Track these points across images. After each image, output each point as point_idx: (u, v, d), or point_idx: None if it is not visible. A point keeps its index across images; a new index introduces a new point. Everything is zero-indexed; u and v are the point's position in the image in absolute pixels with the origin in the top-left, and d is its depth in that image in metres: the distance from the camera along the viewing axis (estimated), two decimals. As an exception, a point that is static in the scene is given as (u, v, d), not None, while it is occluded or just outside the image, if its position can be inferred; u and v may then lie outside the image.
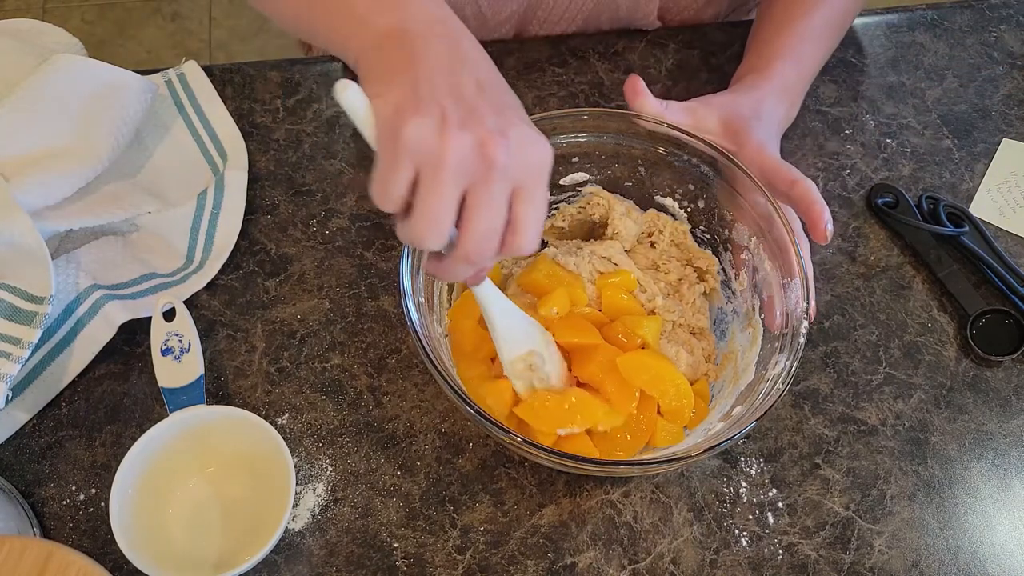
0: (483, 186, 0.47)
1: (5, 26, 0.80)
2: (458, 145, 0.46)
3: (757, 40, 0.78)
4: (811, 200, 0.63)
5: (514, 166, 0.48)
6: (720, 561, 0.63)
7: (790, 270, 0.62)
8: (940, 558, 0.64)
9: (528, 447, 0.55)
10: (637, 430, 0.62)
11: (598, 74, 0.84)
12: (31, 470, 0.63)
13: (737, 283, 0.68)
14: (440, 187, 0.47)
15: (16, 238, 0.63)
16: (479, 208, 0.48)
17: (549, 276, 0.67)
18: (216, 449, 0.63)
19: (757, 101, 0.70)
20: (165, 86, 0.79)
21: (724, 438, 0.56)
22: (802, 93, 0.76)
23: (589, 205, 0.71)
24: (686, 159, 0.67)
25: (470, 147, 0.46)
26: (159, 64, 0.88)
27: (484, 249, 0.49)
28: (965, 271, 0.75)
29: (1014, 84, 0.86)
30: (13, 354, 0.60)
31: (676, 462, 0.56)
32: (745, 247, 0.66)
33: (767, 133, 0.69)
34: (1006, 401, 0.70)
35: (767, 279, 0.64)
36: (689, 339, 0.68)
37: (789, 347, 0.59)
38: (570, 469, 0.59)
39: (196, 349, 0.65)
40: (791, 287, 0.61)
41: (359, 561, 0.62)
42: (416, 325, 0.57)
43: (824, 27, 0.77)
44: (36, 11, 2.02)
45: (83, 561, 0.50)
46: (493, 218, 0.48)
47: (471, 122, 0.47)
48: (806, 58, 0.75)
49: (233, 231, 0.72)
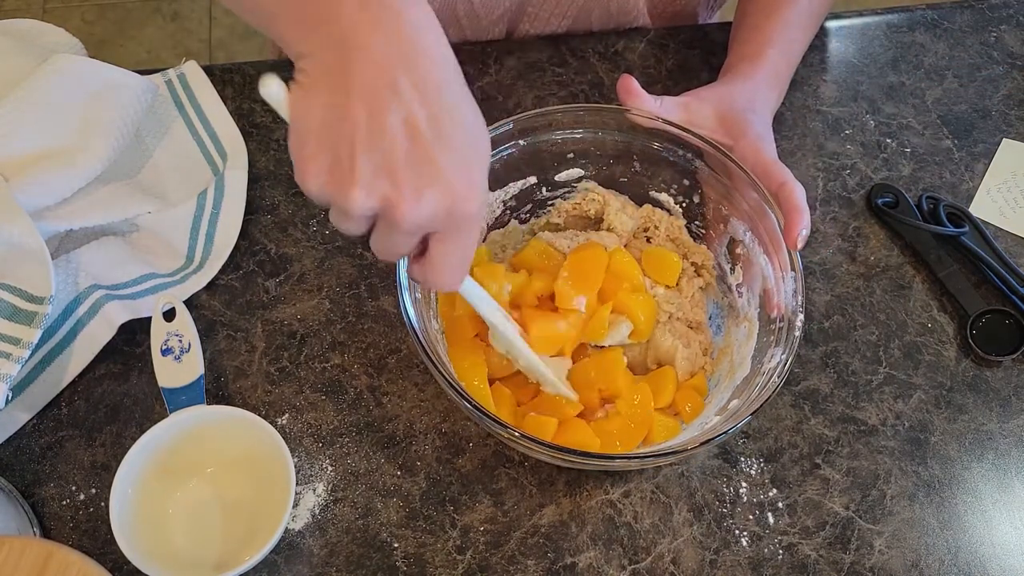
0: (384, 235, 0.47)
1: (5, 26, 0.80)
2: (360, 206, 0.44)
3: (745, 27, 0.78)
4: (793, 205, 0.62)
5: (426, 222, 0.45)
6: (720, 561, 0.63)
7: (784, 263, 0.62)
8: (940, 558, 0.64)
9: (526, 441, 0.55)
10: (635, 418, 0.63)
11: (598, 74, 0.84)
12: (31, 470, 0.63)
13: (732, 277, 0.68)
14: (345, 228, 0.47)
15: (16, 238, 0.63)
16: (382, 245, 0.48)
17: (540, 254, 0.68)
18: (216, 449, 0.63)
19: (751, 92, 0.71)
20: (165, 86, 0.79)
21: (720, 431, 0.56)
22: (789, 78, 0.77)
23: (584, 201, 0.71)
24: (681, 154, 0.67)
25: (374, 208, 0.45)
26: (159, 64, 0.88)
27: (406, 273, 0.50)
28: (965, 271, 0.75)
29: (1014, 84, 0.86)
30: (13, 354, 0.60)
31: (673, 455, 0.57)
32: (740, 242, 0.67)
33: (763, 125, 0.69)
34: (1006, 401, 0.70)
35: (762, 273, 0.64)
36: (687, 332, 0.68)
37: (785, 340, 0.60)
38: (568, 463, 0.60)
39: (196, 349, 0.65)
40: (786, 280, 0.61)
41: (359, 561, 0.62)
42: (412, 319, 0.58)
43: (809, 14, 0.77)
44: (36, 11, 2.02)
45: (83, 561, 0.50)
46: (396, 254, 0.49)
47: (381, 183, 0.44)
48: (795, 44, 0.76)
49: (233, 231, 0.72)
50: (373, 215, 0.46)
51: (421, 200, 0.44)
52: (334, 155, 0.44)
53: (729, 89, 0.71)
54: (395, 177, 0.44)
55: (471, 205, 0.46)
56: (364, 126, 0.44)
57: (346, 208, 0.45)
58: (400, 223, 0.45)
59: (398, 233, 0.46)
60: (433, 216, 0.45)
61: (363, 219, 0.46)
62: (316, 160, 0.45)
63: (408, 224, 0.45)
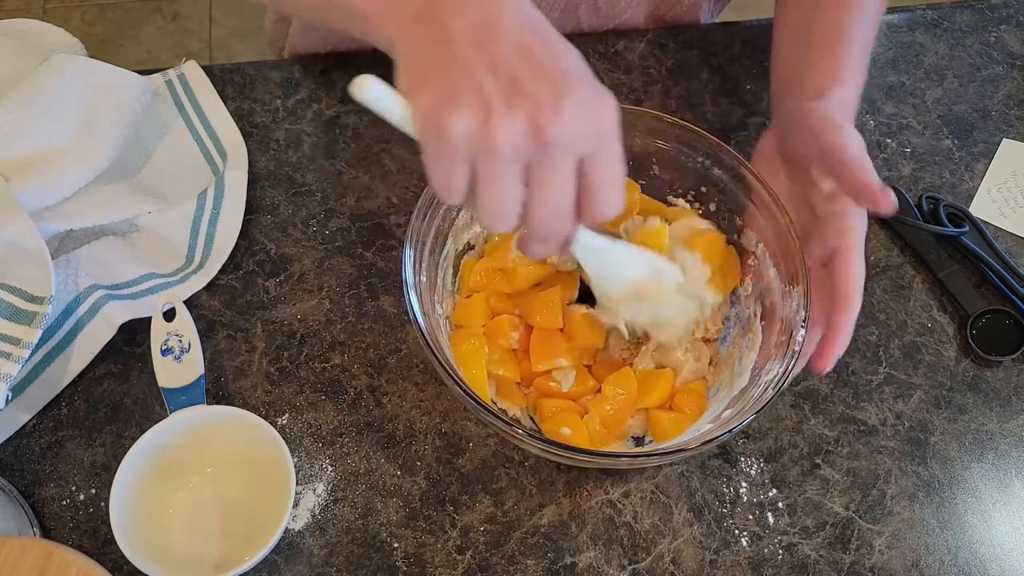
0: (542, 165, 0.44)
1: (5, 26, 0.80)
2: (507, 132, 0.42)
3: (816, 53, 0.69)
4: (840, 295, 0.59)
5: (575, 136, 0.44)
6: (720, 561, 0.63)
7: (793, 278, 0.61)
8: (940, 558, 0.64)
9: (528, 439, 0.55)
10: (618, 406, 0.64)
11: (598, 74, 0.83)
12: (31, 470, 0.63)
13: (741, 288, 0.68)
14: (496, 176, 0.44)
15: (16, 238, 0.63)
16: (541, 187, 0.45)
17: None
18: (216, 449, 0.63)
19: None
20: (165, 86, 0.79)
21: (720, 432, 0.56)
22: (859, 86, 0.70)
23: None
24: (700, 160, 0.67)
25: (521, 130, 0.42)
26: (159, 64, 0.88)
27: (554, 227, 0.47)
28: (965, 271, 0.75)
29: (1014, 84, 0.86)
30: (13, 354, 0.60)
31: (673, 455, 0.57)
32: (752, 252, 0.66)
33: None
34: (1006, 401, 0.70)
35: (770, 286, 0.64)
36: (700, 345, 0.67)
37: (784, 354, 0.59)
38: (568, 461, 0.60)
39: (196, 349, 0.65)
40: (792, 295, 0.61)
41: (359, 561, 0.62)
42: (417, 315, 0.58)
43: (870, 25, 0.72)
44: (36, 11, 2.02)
45: (83, 561, 0.50)
46: (558, 196, 0.45)
47: (517, 100, 0.42)
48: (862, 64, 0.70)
49: (233, 231, 0.72)
50: (523, 159, 0.44)
51: (562, 110, 0.43)
52: (462, 102, 0.42)
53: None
54: (530, 94, 0.43)
55: (611, 110, 0.45)
56: (478, 60, 0.43)
57: (495, 144, 0.42)
58: (550, 138, 0.43)
59: (553, 155, 0.44)
60: (580, 125, 0.44)
61: (515, 158, 0.43)
62: (449, 118, 0.42)
63: (560, 136, 0.43)
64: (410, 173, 0.77)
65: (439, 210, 0.63)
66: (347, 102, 0.81)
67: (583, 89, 0.44)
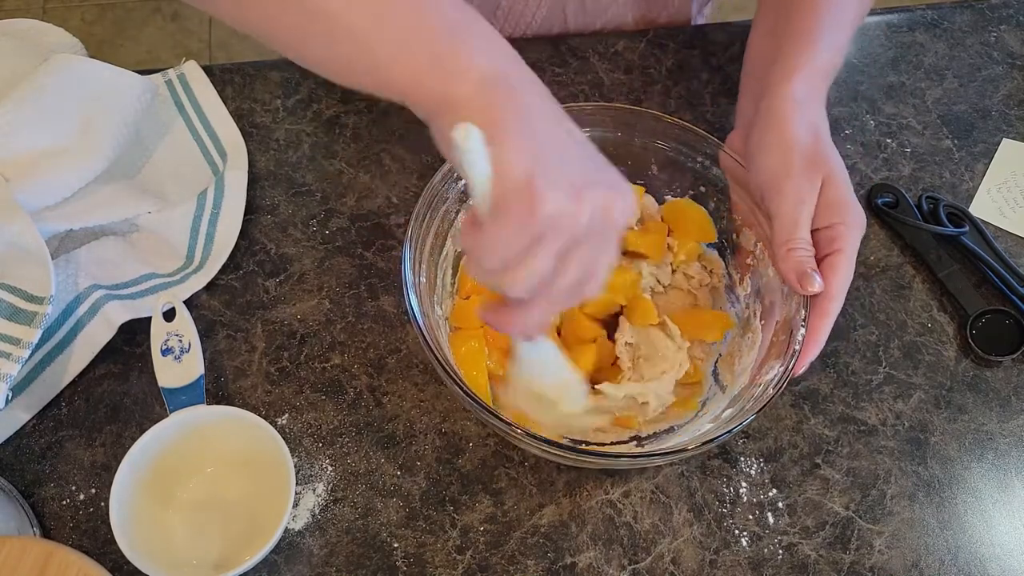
0: (582, 246, 0.46)
1: (5, 26, 0.80)
2: (590, 213, 0.45)
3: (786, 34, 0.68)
4: (812, 326, 0.59)
5: (623, 221, 0.48)
6: (720, 561, 0.63)
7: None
8: (940, 558, 0.64)
9: (528, 438, 0.55)
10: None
11: (598, 74, 0.84)
12: (31, 470, 0.63)
13: (740, 288, 0.68)
14: (550, 253, 0.45)
15: (16, 238, 0.63)
16: (575, 265, 0.47)
17: None
18: (216, 449, 0.63)
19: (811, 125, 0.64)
20: (165, 86, 0.79)
21: (720, 432, 0.56)
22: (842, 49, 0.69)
23: None
24: (699, 160, 0.67)
25: (599, 211, 0.45)
26: (159, 64, 0.88)
27: (565, 303, 0.49)
28: (965, 271, 0.75)
29: (1014, 84, 0.86)
30: (13, 354, 0.60)
31: (673, 455, 0.57)
32: (751, 252, 0.66)
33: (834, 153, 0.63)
34: (1006, 401, 0.70)
35: (769, 285, 0.64)
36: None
37: (784, 354, 0.59)
38: (568, 460, 0.60)
39: (196, 349, 0.65)
40: (792, 294, 0.61)
41: (359, 561, 0.62)
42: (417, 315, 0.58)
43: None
44: (36, 11, 2.03)
45: (83, 561, 0.50)
46: (581, 275, 0.48)
47: (589, 185, 0.45)
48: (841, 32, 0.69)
49: (233, 231, 0.72)
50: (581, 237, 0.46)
51: (623, 197, 0.47)
52: (552, 179, 0.44)
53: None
54: (597, 181, 0.46)
55: (631, 194, 0.49)
56: (553, 139, 0.46)
57: (577, 225, 0.45)
58: (615, 219, 0.47)
59: (593, 236, 0.46)
60: (628, 211, 0.48)
61: (583, 235, 0.46)
62: (547, 194, 0.44)
63: (619, 219, 0.47)
64: (410, 173, 0.77)
65: (439, 211, 0.63)
66: (347, 102, 0.81)
67: (623, 179, 0.49)
